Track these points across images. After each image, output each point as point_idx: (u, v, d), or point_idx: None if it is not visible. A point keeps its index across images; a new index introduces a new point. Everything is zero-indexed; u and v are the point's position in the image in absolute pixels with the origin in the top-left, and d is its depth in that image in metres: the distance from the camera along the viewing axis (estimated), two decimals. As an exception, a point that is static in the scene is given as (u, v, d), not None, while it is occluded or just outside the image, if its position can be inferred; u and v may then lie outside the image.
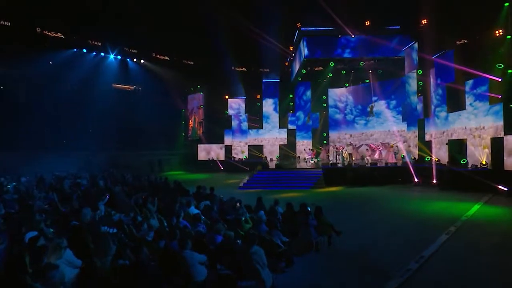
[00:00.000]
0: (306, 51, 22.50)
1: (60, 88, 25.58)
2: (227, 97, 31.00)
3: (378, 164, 19.77)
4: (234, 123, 31.18)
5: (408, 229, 9.87)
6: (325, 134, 30.92)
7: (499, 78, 15.70)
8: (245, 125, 31.21)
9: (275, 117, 31.01)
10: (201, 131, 33.06)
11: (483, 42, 16.16)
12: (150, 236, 6.35)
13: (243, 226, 7.21)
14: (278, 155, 30.58)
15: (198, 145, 31.48)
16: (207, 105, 31.82)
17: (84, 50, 27.43)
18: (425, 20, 20.90)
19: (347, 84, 29.19)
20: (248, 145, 31.01)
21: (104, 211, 8.81)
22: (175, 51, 30.05)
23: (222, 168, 30.04)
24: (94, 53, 28.35)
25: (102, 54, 28.74)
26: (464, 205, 12.95)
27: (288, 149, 30.57)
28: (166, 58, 30.22)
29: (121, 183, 13.71)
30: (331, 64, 23.24)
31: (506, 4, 14.13)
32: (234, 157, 30.68)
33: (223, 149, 31.06)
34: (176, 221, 7.28)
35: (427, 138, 21.30)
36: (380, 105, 26.93)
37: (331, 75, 26.68)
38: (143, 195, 10.66)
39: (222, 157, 30.88)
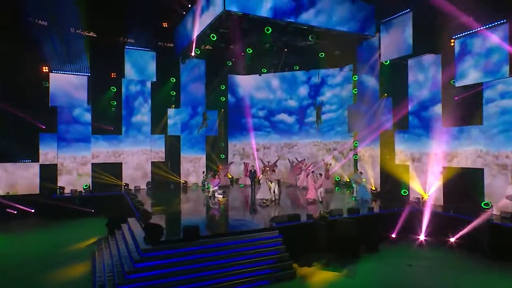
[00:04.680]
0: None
1: None
2: (46, 69, 16.97)
3: (360, 212, 12.23)
4: (64, 121, 17.56)
5: None
6: (223, 144, 21.86)
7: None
8: (87, 126, 18.07)
9: (145, 115, 19.36)
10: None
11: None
12: None
13: None
14: (150, 180, 19.18)
15: (-25, 164, 16.07)
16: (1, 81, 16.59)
17: None
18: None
19: (265, 70, 21.02)
20: (93, 164, 18.11)
21: None
22: None
23: (33, 212, 16.02)
24: None
25: None
26: None
27: (167, 169, 19.63)
28: None
29: None
30: (267, 30, 14.23)
31: None
32: (63, 189, 17.16)
33: (37, 172, 16.97)
34: None
35: (398, 160, 15.59)
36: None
37: (250, 51, 17.79)
38: None
39: (34, 189, 16.77)
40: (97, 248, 11.10)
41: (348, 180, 18.87)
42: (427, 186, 14.10)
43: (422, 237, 11.77)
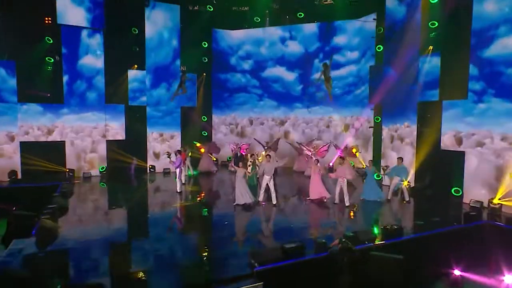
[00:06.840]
0: None
1: None
2: None
3: (405, 234, 7.50)
4: (-25, 84, 12.58)
5: None
6: (205, 119, 17.05)
7: None
8: (10, 89, 13.05)
9: (96, 77, 14.28)
10: None
11: None
12: None
13: None
14: (104, 166, 14.43)
15: None
16: None
17: None
18: None
19: (258, 19, 15.75)
20: (22, 143, 13.27)
21: None
22: None
23: None
24: None
25: None
26: None
27: (125, 153, 14.86)
28: None
29: None
30: None
31: None
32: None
33: None
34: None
35: (445, 143, 10.74)
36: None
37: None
38: None
39: None
40: None
41: (364, 166, 14.17)
42: (497, 186, 9.34)
43: (508, 278, 7.06)
